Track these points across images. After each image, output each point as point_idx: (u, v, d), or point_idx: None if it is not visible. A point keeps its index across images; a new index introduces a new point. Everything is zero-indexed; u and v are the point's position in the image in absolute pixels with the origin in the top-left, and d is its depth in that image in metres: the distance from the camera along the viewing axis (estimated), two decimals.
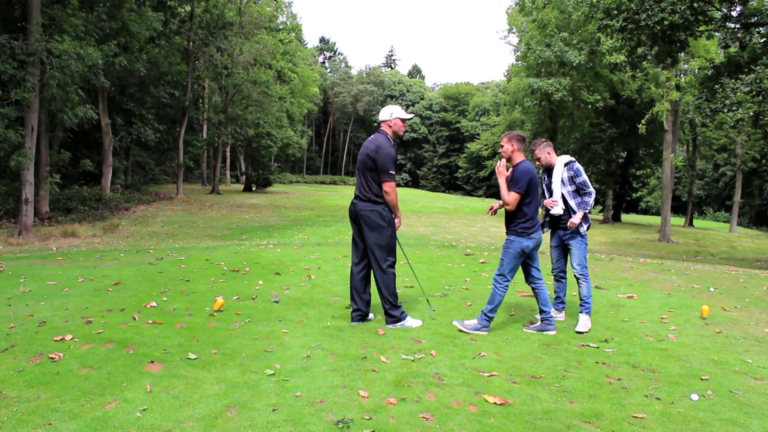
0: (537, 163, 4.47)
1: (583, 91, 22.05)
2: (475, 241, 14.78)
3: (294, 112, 45.22)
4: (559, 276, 4.63)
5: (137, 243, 11.68)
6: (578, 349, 3.84)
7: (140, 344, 3.59)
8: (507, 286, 4.14)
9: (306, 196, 35.41)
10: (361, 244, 4.31)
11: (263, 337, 3.85)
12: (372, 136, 4.33)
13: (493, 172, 61.58)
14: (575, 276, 4.43)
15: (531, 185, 4.01)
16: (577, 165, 4.32)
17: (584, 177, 4.29)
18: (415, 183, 74.16)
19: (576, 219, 4.29)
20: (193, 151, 32.77)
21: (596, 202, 49.94)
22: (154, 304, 4.68)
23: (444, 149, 75.79)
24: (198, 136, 33.53)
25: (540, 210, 4.33)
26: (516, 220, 4.12)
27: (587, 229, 4.38)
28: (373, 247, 4.21)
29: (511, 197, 4.04)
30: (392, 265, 4.28)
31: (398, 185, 63.86)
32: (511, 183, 4.04)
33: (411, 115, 4.49)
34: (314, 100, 57.04)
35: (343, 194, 39.28)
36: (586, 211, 4.30)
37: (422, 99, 79.28)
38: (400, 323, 4.29)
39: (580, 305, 4.44)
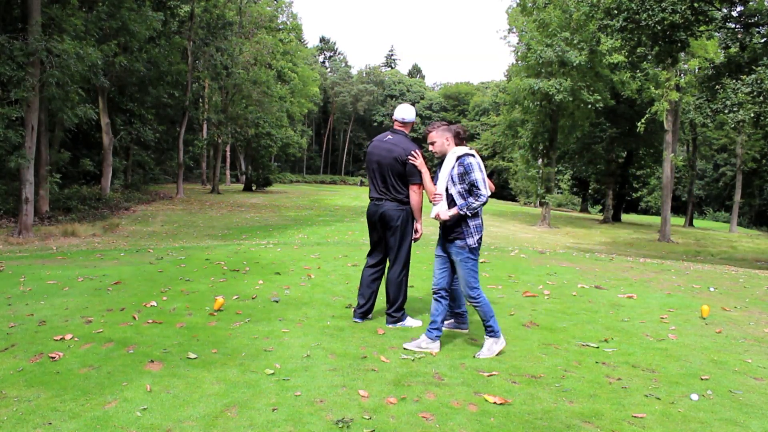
0: (430, 148, 3.77)
1: (584, 91, 22.05)
2: None
3: (294, 111, 45.24)
4: (438, 295, 3.73)
5: (137, 242, 11.68)
6: (578, 349, 3.84)
7: (140, 344, 3.59)
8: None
9: (306, 195, 35.40)
10: (382, 246, 4.27)
11: (263, 337, 3.85)
12: (389, 136, 4.22)
13: (492, 174, 61.60)
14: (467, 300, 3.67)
15: None
16: (471, 160, 3.53)
17: (477, 175, 3.50)
18: None
19: (444, 213, 3.55)
20: (193, 150, 32.78)
21: (596, 201, 50.06)
22: (154, 303, 4.68)
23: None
24: (198, 135, 33.53)
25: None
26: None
27: (478, 242, 3.60)
28: (398, 249, 4.18)
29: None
30: (403, 269, 4.25)
31: None
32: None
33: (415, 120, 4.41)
34: (314, 99, 57.02)
35: (343, 194, 39.28)
36: (464, 211, 3.52)
37: (422, 98, 79.24)
38: (400, 323, 4.29)
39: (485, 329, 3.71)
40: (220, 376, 3.10)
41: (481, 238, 3.63)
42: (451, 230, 3.60)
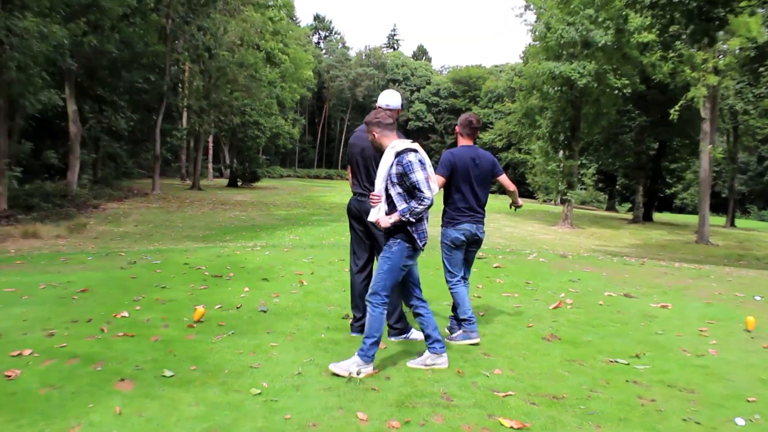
0: (371, 137, 3.69)
1: (610, 75, 21.98)
2: (487, 243, 14.75)
3: (285, 98, 45.21)
4: (414, 309, 3.78)
5: (107, 245, 11.67)
6: (606, 366, 3.81)
7: (109, 360, 3.57)
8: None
9: (298, 192, 35.41)
10: (367, 247, 4.31)
11: (249, 352, 3.83)
12: None
13: (507, 167, 61.56)
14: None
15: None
16: (410, 158, 3.42)
17: (418, 175, 3.38)
18: None
19: (384, 219, 3.49)
20: (171, 141, 32.79)
21: (624, 198, 50.03)
22: (126, 314, 4.66)
23: (453, 140, 74.96)
24: (177, 124, 33.56)
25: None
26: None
27: (423, 246, 3.52)
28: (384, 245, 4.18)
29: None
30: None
31: None
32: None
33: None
34: (308, 84, 57.03)
35: (340, 190, 39.26)
36: (406, 217, 3.42)
37: (428, 84, 79.28)
38: (403, 336, 4.29)
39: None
40: (200, 397, 3.07)
41: (424, 245, 3.57)
42: (392, 237, 3.56)
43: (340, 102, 75.23)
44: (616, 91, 22.35)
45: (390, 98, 4.27)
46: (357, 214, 4.30)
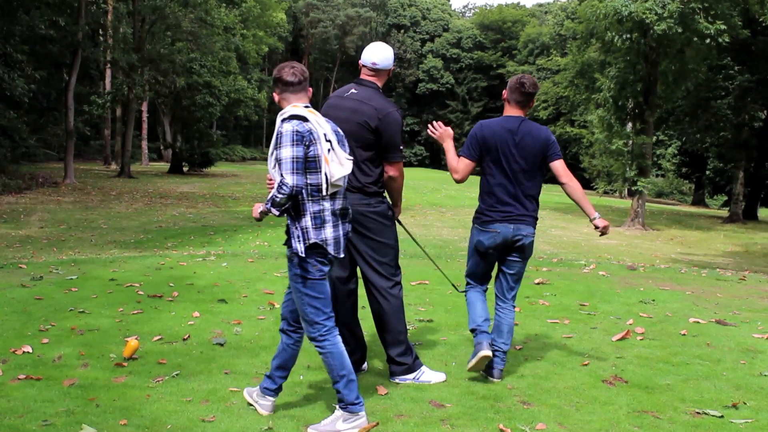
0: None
1: (700, 17, 21.92)
2: None
3: (248, 50, 45.24)
4: (282, 328, 3.93)
5: (2, 253, 11.68)
6: (691, 420, 3.83)
7: (6, 412, 3.58)
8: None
9: (267, 180, 35.33)
10: (348, 255, 4.32)
11: (200, 400, 3.85)
12: (353, 89, 4.31)
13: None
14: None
15: None
16: (285, 128, 3.43)
17: (285, 152, 3.38)
18: (434, 161, 74.24)
19: (255, 209, 3.61)
20: (90, 111, 32.73)
21: (718, 189, 49.91)
22: (29, 349, 4.67)
23: (480, 108, 75.69)
24: (98, 88, 33.57)
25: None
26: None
27: (304, 251, 3.51)
28: (373, 260, 4.26)
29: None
30: (400, 285, 4.36)
31: (407, 164, 63.89)
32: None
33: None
34: (279, 32, 57.07)
35: None
36: (268, 208, 3.46)
37: (446, 31, 79.25)
38: (411, 376, 4.31)
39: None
40: None
41: (319, 246, 3.51)
42: (287, 234, 3.65)
43: (324, 56, 75.21)
44: (708, 40, 22.26)
45: (378, 53, 4.30)
46: None
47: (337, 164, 3.47)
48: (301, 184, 3.39)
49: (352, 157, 3.62)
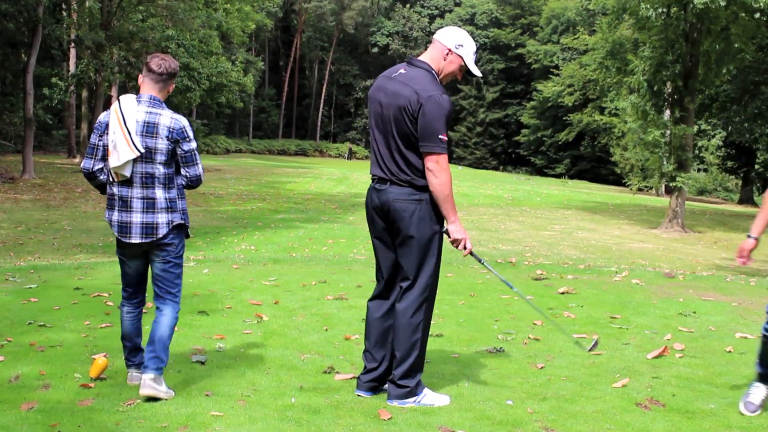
0: None
1: None
2: (550, 255, 14.72)
3: (232, 28, 45.18)
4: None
5: None
6: None
7: None
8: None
9: (253, 176, 35.40)
10: (389, 259, 4.41)
11: (178, 426, 3.85)
12: (402, 70, 4.34)
13: (582, 137, 61.43)
14: None
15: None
16: (100, 117, 4.47)
17: (90, 137, 4.54)
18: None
19: None
20: (51, 96, 32.76)
21: (748, 183, 49.88)
22: None
23: (496, 93, 75.82)
24: (60, 70, 33.57)
25: None
26: None
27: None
28: (417, 269, 4.28)
29: None
30: (432, 302, 4.40)
31: None
32: None
33: (479, 73, 4.56)
34: (267, 7, 57.00)
35: (319, 173, 39.23)
36: None
37: (458, 5, 79.32)
38: (413, 399, 4.32)
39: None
40: None
41: (116, 231, 4.39)
42: None
43: (319, 35, 75.17)
44: (758, 15, 22.22)
45: (443, 31, 4.42)
46: (376, 212, 4.38)
47: (116, 155, 4.19)
48: (88, 167, 4.40)
49: (138, 151, 4.17)
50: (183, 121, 4.33)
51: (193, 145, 4.37)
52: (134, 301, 4.59)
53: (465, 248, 4.33)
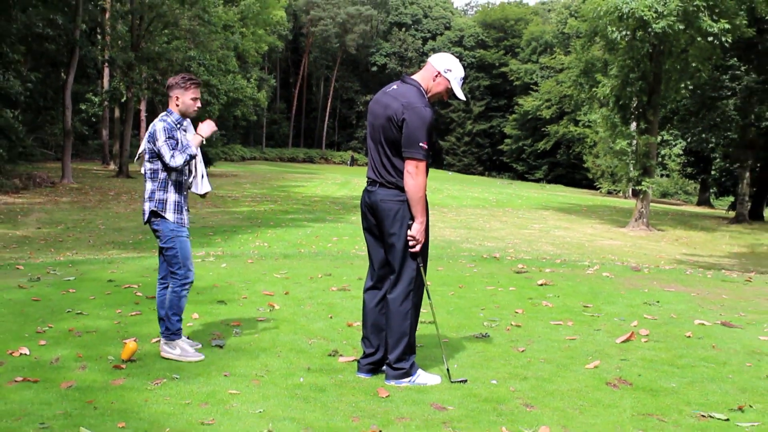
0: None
1: (704, 14, 21.90)
2: (530, 251, 14.76)
3: (247, 49, 45.22)
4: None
5: None
6: (696, 423, 3.83)
7: (3, 415, 3.58)
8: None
9: (266, 180, 35.43)
10: (380, 254, 4.45)
11: (199, 402, 3.86)
12: (394, 86, 4.40)
13: (558, 146, 61.42)
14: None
15: None
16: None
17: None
18: (436, 161, 74.31)
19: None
20: (87, 110, 32.80)
21: (723, 190, 49.90)
22: (26, 350, 4.68)
23: (482, 107, 75.88)
24: (95, 87, 33.55)
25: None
26: None
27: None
28: (401, 261, 4.31)
29: None
30: (419, 291, 4.41)
31: None
32: None
33: (464, 97, 4.56)
34: (279, 30, 57.06)
35: (324, 178, 39.25)
36: None
37: (448, 29, 79.27)
38: (407, 379, 4.34)
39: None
40: None
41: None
42: None
43: (325, 55, 75.18)
44: (712, 39, 22.25)
45: (437, 56, 4.48)
46: (368, 210, 4.43)
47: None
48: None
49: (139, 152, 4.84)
50: (156, 126, 4.70)
51: (159, 144, 4.63)
52: (160, 277, 4.99)
53: (414, 248, 4.30)
